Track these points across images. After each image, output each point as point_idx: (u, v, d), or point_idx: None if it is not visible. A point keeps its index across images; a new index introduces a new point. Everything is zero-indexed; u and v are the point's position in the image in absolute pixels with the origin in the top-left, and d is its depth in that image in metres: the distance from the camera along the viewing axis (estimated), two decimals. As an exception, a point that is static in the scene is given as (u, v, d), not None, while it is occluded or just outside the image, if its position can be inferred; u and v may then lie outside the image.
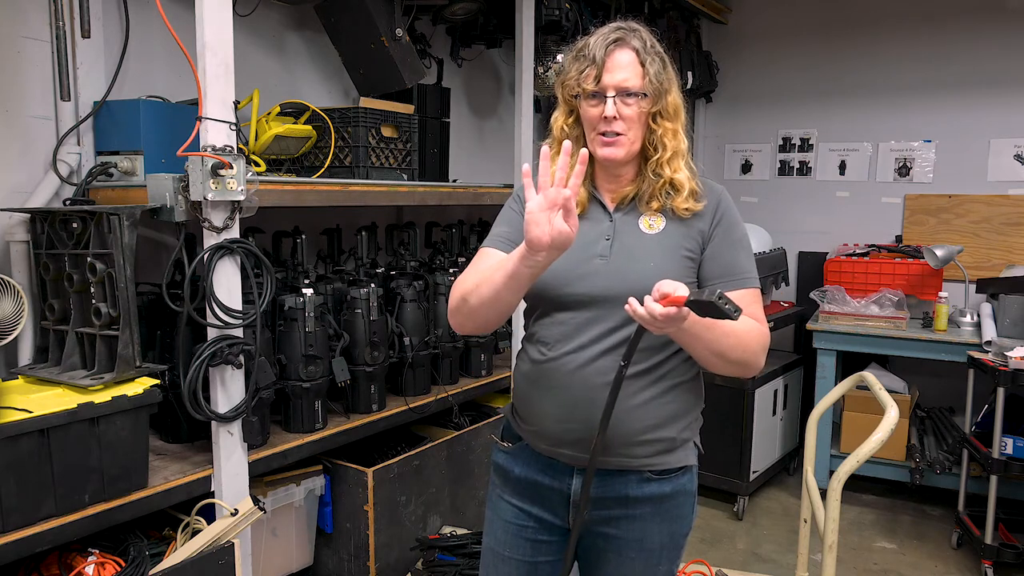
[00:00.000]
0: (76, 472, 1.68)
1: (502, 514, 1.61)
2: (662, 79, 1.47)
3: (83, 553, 1.75)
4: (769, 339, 1.48)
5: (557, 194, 1.25)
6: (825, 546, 2.12)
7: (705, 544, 3.49)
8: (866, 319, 3.85)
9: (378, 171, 2.56)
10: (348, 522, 2.38)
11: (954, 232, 4.28)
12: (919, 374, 4.26)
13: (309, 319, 2.21)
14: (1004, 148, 4.16)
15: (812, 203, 4.71)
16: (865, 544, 3.51)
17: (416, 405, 2.59)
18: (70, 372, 1.86)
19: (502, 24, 3.36)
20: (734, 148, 4.98)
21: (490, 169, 3.81)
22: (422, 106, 3.02)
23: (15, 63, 2.05)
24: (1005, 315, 3.54)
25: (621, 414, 1.43)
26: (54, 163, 2.09)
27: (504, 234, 1.55)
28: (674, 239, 1.48)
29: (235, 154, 1.85)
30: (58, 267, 1.90)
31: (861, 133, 4.54)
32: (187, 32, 1.81)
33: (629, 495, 1.50)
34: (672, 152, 1.48)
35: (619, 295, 1.44)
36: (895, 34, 4.39)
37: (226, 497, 1.93)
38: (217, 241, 1.86)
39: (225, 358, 1.88)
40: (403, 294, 2.59)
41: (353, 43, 2.75)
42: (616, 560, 1.54)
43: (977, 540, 3.19)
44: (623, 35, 1.46)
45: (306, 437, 2.24)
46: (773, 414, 4.00)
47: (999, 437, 3.12)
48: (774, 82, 4.78)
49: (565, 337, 1.49)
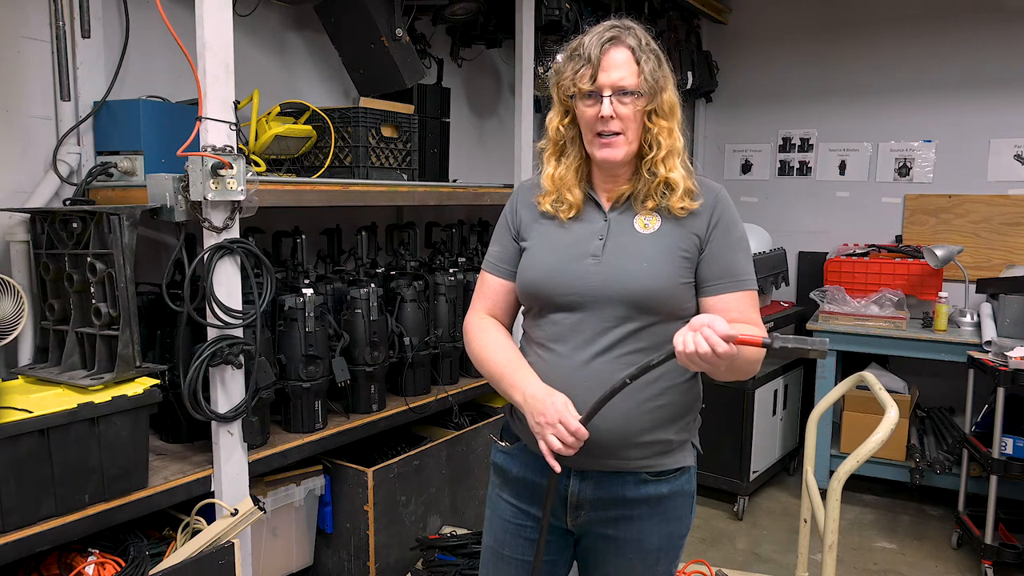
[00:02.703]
0: (76, 472, 1.67)
1: (501, 513, 1.62)
2: (657, 77, 1.46)
3: (83, 553, 1.75)
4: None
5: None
6: (825, 546, 2.12)
7: (705, 544, 3.49)
8: (866, 319, 3.85)
9: (378, 171, 2.56)
10: (348, 522, 2.38)
11: (954, 232, 4.28)
12: (919, 374, 4.26)
13: (309, 319, 2.21)
14: (1004, 148, 4.16)
15: (812, 203, 4.71)
16: (865, 544, 3.51)
17: (416, 405, 2.59)
18: (70, 372, 1.86)
19: (502, 24, 3.36)
20: (734, 148, 4.98)
21: (490, 169, 3.81)
22: (422, 106, 3.01)
23: (15, 63, 2.05)
24: (1005, 315, 3.54)
25: (617, 416, 1.44)
26: (54, 163, 2.09)
27: (497, 256, 1.63)
28: (669, 239, 1.48)
29: (235, 154, 1.85)
30: (58, 267, 1.90)
31: (861, 133, 4.54)
32: (187, 32, 1.81)
33: (627, 496, 1.50)
34: (667, 151, 1.47)
35: (612, 295, 1.44)
36: (895, 34, 4.39)
37: (226, 497, 1.93)
38: (217, 241, 1.86)
39: (225, 358, 1.88)
40: (403, 294, 2.59)
41: (353, 43, 2.74)
42: (615, 561, 1.54)
43: (977, 540, 3.19)
44: (618, 33, 1.45)
45: (306, 437, 2.24)
46: (773, 414, 4.00)
47: (999, 437, 3.12)
48: (774, 82, 4.78)
49: (559, 338, 1.49)
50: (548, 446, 1.39)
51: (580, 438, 1.38)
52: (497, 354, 1.55)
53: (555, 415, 1.39)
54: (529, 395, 1.44)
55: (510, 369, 1.51)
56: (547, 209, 1.55)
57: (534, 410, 1.42)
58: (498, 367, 1.53)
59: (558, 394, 1.42)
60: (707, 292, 1.49)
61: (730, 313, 1.43)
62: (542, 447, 1.41)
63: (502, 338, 1.59)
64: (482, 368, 1.58)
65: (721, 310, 1.44)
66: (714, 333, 1.23)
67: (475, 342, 1.61)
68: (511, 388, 1.49)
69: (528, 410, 1.44)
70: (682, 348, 1.26)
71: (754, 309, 1.50)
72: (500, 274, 1.62)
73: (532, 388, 1.45)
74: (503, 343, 1.57)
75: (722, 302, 1.47)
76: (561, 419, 1.38)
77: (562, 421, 1.37)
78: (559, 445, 1.38)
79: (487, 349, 1.57)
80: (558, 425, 1.38)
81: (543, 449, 1.41)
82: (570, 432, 1.37)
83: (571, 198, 1.52)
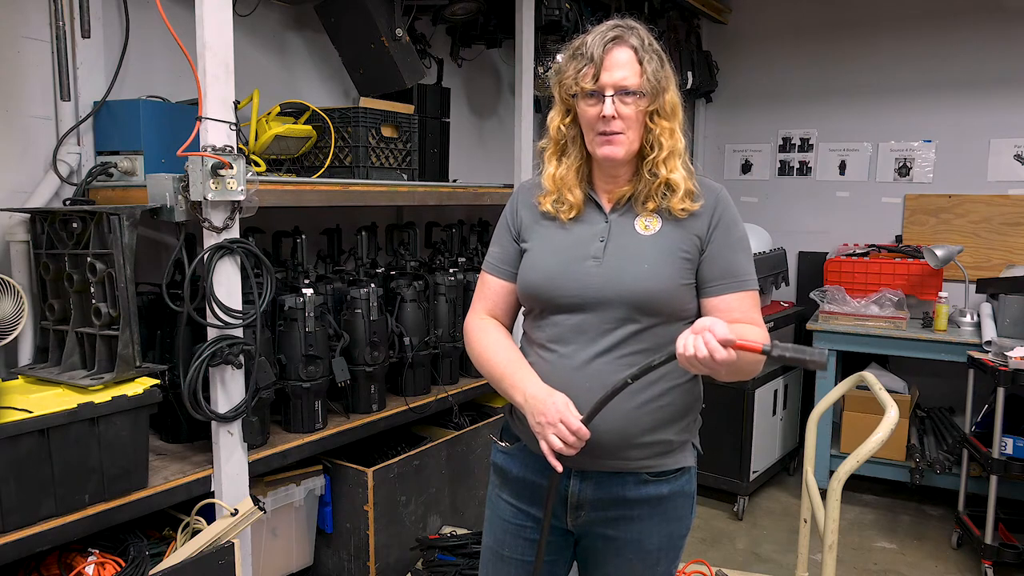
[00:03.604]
0: (76, 472, 1.67)
1: (501, 513, 1.62)
2: (660, 77, 1.45)
3: (83, 553, 1.75)
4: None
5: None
6: (825, 546, 2.12)
7: (705, 544, 3.49)
8: (866, 319, 3.84)
9: (378, 171, 2.56)
10: (348, 522, 2.38)
11: (954, 232, 4.28)
12: (919, 374, 4.26)
13: (309, 319, 2.21)
14: (1004, 148, 4.16)
15: (812, 203, 4.70)
16: (865, 544, 3.51)
17: (416, 405, 2.59)
18: (70, 372, 1.86)
19: (502, 24, 3.36)
20: (734, 148, 4.97)
21: (490, 169, 3.81)
22: (422, 106, 3.01)
23: (15, 63, 2.05)
24: (1005, 315, 3.54)
25: (618, 417, 1.44)
26: (54, 163, 2.09)
27: (497, 256, 1.63)
28: (670, 240, 1.47)
29: (235, 154, 1.85)
30: (58, 267, 1.90)
31: (861, 133, 4.54)
32: (187, 32, 1.80)
33: (627, 496, 1.50)
34: (668, 151, 1.47)
35: (612, 297, 1.44)
36: (895, 34, 4.39)
37: (226, 497, 1.93)
38: (217, 241, 1.86)
39: (225, 358, 1.88)
40: (403, 294, 2.59)
41: (353, 43, 2.74)
42: (615, 561, 1.54)
43: (977, 540, 3.19)
44: (621, 33, 1.45)
45: (306, 437, 2.24)
46: (773, 414, 3.99)
47: (999, 437, 3.12)
48: (774, 82, 4.78)
49: (560, 339, 1.49)
50: (549, 445, 1.39)
51: (582, 438, 1.38)
52: (498, 354, 1.55)
53: (556, 415, 1.38)
54: (530, 395, 1.44)
55: (511, 369, 1.51)
56: (548, 209, 1.55)
57: (535, 410, 1.42)
58: (499, 367, 1.53)
59: (559, 394, 1.42)
60: (708, 293, 1.49)
61: (731, 313, 1.44)
62: (543, 447, 1.41)
63: (503, 339, 1.59)
64: (483, 369, 1.58)
65: (722, 311, 1.44)
66: (713, 338, 1.23)
67: (476, 343, 1.61)
68: (512, 388, 1.49)
69: (529, 410, 1.44)
70: (683, 351, 1.26)
71: (755, 309, 1.50)
72: (500, 275, 1.62)
73: (533, 388, 1.45)
74: (504, 344, 1.57)
75: (723, 303, 1.47)
76: (563, 419, 1.38)
77: (563, 421, 1.37)
78: (560, 444, 1.38)
79: (488, 350, 1.57)
80: (559, 425, 1.38)
81: (544, 449, 1.41)
82: (572, 431, 1.37)
83: (571, 198, 1.52)
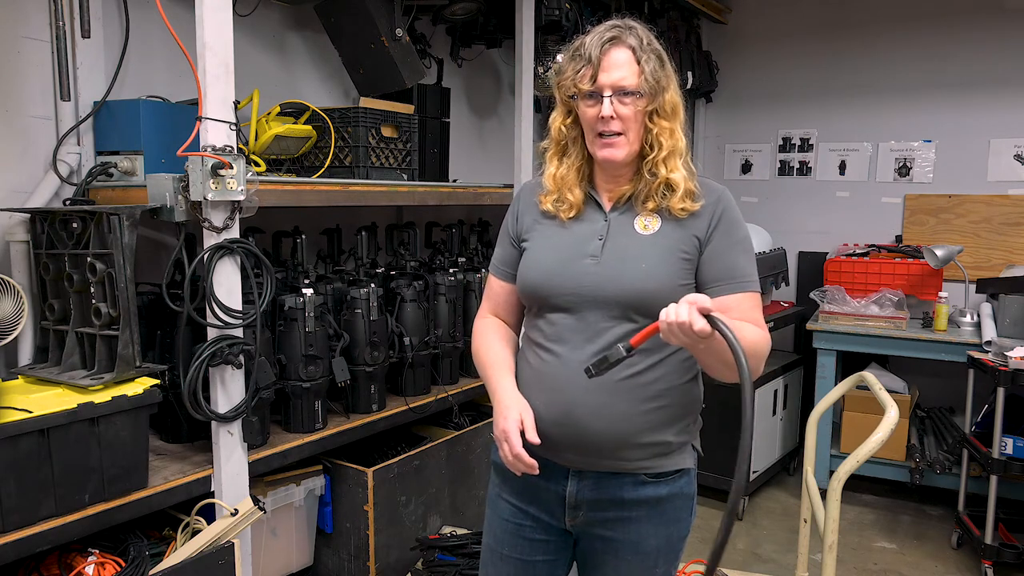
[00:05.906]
0: (76, 472, 1.67)
1: (501, 513, 1.62)
2: (659, 77, 1.44)
3: (83, 553, 1.75)
4: (771, 343, 1.48)
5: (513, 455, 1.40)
6: (825, 546, 2.12)
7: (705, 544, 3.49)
8: (866, 319, 3.84)
9: (378, 171, 2.56)
10: (348, 522, 2.38)
11: (954, 232, 4.28)
12: (919, 374, 4.26)
13: (309, 319, 2.21)
14: (1004, 148, 4.16)
15: (812, 203, 4.71)
16: (865, 544, 3.51)
17: (416, 405, 2.59)
18: (70, 372, 1.85)
19: (502, 24, 3.36)
20: (734, 148, 4.97)
21: (490, 169, 3.81)
22: (422, 106, 3.01)
23: (15, 63, 2.05)
24: (1005, 315, 3.54)
25: (616, 417, 1.44)
26: (54, 163, 2.09)
27: (499, 258, 1.66)
28: (669, 240, 1.47)
29: (235, 154, 1.85)
30: (58, 267, 1.90)
31: (861, 133, 4.54)
32: (187, 32, 1.81)
33: (624, 497, 1.50)
34: (668, 151, 1.46)
35: (608, 296, 1.44)
36: (895, 34, 4.39)
37: (226, 497, 1.93)
38: (217, 241, 1.86)
39: (225, 358, 1.88)
40: (403, 294, 2.59)
41: (353, 43, 2.74)
42: (613, 562, 1.54)
43: (977, 540, 3.19)
44: (619, 33, 1.44)
45: (306, 437, 2.24)
46: (773, 414, 3.99)
47: (999, 437, 3.12)
48: (774, 82, 4.78)
49: (557, 338, 1.49)
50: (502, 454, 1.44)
51: (523, 461, 1.40)
52: (488, 355, 1.59)
53: (502, 432, 1.43)
54: (496, 400, 1.49)
55: (492, 371, 1.55)
56: (548, 208, 1.55)
57: (496, 417, 1.47)
58: (485, 368, 1.58)
59: (516, 408, 1.44)
60: (708, 293, 1.47)
61: (730, 314, 1.43)
62: (501, 454, 1.44)
63: (496, 339, 1.62)
64: (477, 368, 1.63)
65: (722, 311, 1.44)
66: (695, 308, 1.22)
67: (474, 343, 1.65)
68: (490, 391, 1.54)
69: (494, 415, 1.48)
70: (664, 316, 1.26)
71: (756, 310, 1.48)
72: (502, 276, 1.64)
73: (502, 394, 1.49)
74: (495, 345, 1.60)
75: (723, 303, 1.46)
76: (507, 437, 1.41)
77: (507, 440, 1.41)
78: (509, 459, 1.41)
79: (480, 350, 1.62)
80: (503, 443, 1.42)
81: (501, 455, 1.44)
82: (512, 454, 1.40)
83: (572, 198, 1.52)
